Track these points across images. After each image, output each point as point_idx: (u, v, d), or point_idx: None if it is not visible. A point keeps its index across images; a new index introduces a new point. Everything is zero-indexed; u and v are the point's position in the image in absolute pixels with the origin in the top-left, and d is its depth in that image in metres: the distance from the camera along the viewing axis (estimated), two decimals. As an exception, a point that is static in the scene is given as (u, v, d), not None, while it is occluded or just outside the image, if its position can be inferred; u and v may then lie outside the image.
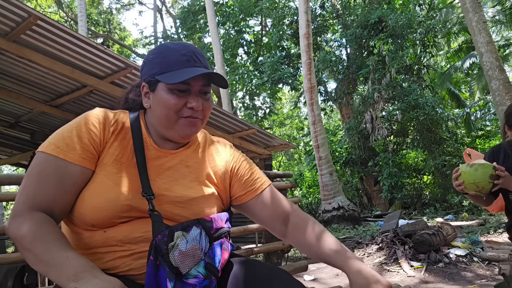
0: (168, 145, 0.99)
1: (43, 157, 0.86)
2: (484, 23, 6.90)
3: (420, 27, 11.88)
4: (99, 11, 20.99)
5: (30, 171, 0.86)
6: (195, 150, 1.03)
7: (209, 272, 0.86)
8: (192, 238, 0.86)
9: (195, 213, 0.93)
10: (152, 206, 0.87)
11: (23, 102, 5.49)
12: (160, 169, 0.95)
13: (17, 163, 8.64)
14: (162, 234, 0.83)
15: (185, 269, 0.83)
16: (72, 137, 0.88)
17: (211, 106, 0.98)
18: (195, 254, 0.86)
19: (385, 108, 11.75)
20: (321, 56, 12.54)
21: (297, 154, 21.55)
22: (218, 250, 0.91)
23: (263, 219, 1.05)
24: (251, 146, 6.78)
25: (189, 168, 0.98)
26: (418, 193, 12.02)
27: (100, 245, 0.88)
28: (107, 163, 0.90)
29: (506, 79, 6.66)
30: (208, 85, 0.96)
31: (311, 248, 1.00)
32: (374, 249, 4.77)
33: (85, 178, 0.88)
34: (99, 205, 0.86)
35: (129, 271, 0.87)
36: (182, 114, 0.93)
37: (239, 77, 15.55)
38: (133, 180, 0.90)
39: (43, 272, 0.76)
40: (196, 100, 0.92)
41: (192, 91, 0.93)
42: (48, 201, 0.84)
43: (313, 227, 1.02)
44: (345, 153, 12.99)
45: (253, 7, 15.26)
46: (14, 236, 0.79)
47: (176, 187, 0.94)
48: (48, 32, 3.86)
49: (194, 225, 0.89)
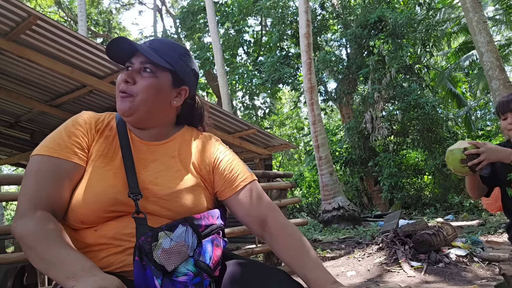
0: (150, 137, 1.01)
1: (38, 159, 0.90)
2: (484, 23, 6.90)
3: (420, 26, 11.88)
4: (99, 11, 20.99)
5: (27, 174, 0.89)
6: (181, 142, 1.04)
7: (200, 269, 0.86)
8: (176, 236, 0.87)
9: (181, 205, 0.93)
10: (137, 208, 0.88)
11: (22, 102, 5.48)
12: (145, 161, 0.97)
13: (16, 163, 8.62)
14: (145, 236, 0.84)
15: (171, 266, 0.83)
16: (62, 137, 0.92)
17: (147, 83, 0.95)
18: (181, 250, 0.85)
19: (385, 108, 11.75)
20: (321, 56, 12.53)
21: (297, 154, 21.55)
22: (209, 247, 0.90)
23: (241, 218, 1.02)
24: (251, 146, 6.78)
25: (174, 159, 1.00)
26: (419, 193, 12.02)
27: (92, 243, 0.89)
28: (94, 159, 0.93)
29: (506, 79, 6.66)
30: (149, 62, 0.96)
31: (288, 263, 0.93)
32: (374, 249, 4.77)
33: (79, 174, 0.91)
34: (87, 199, 0.87)
35: (123, 267, 0.88)
36: (119, 89, 0.97)
37: (239, 77, 15.55)
38: (119, 175, 0.92)
39: (44, 270, 0.77)
40: (124, 74, 0.96)
41: (133, 68, 0.97)
42: (48, 199, 0.86)
43: (291, 238, 0.95)
44: (345, 153, 12.98)
45: (253, 7, 15.26)
46: (19, 236, 0.81)
47: (161, 180, 0.95)
48: (48, 32, 3.86)
49: (180, 224, 0.89)
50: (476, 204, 9.73)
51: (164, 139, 1.03)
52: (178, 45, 1.03)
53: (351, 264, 4.49)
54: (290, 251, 0.93)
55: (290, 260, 0.92)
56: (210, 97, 20.50)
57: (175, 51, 1.00)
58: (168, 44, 1.01)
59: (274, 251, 0.98)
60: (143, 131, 1.01)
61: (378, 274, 3.94)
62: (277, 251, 0.96)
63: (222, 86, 12.07)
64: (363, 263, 4.39)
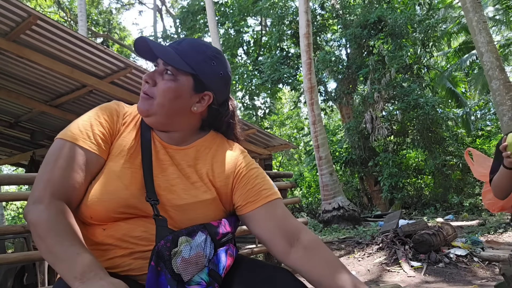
0: (170, 140, 0.98)
1: (61, 144, 0.87)
2: (484, 23, 6.90)
3: (419, 26, 11.88)
4: (99, 11, 20.99)
5: (48, 157, 0.87)
6: (199, 150, 0.99)
7: (212, 279, 0.85)
8: (196, 245, 0.85)
9: (191, 219, 0.90)
10: (157, 211, 0.86)
11: (22, 102, 5.48)
12: (164, 164, 0.95)
13: (16, 163, 8.63)
14: (165, 240, 0.82)
15: (187, 277, 0.82)
16: (88, 126, 0.90)
17: (165, 87, 0.91)
18: (199, 261, 0.84)
19: (385, 108, 11.74)
20: (321, 56, 12.53)
21: (297, 154, 21.55)
22: (223, 256, 0.88)
23: (263, 233, 0.93)
24: (251, 146, 6.78)
25: (191, 168, 0.96)
26: (418, 193, 12.02)
27: (100, 242, 0.88)
28: (115, 153, 0.92)
29: (506, 79, 6.66)
30: (170, 65, 0.92)
31: (319, 278, 0.85)
32: (374, 249, 4.77)
33: (98, 166, 0.90)
34: (99, 196, 0.86)
35: (129, 271, 0.87)
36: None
37: (239, 77, 15.54)
38: (136, 175, 0.90)
39: (51, 263, 0.76)
40: (147, 74, 0.93)
41: (157, 69, 0.94)
42: (65, 188, 0.84)
43: (326, 252, 0.89)
44: (345, 153, 12.98)
45: (252, 7, 15.25)
46: (32, 222, 0.79)
47: (176, 188, 0.92)
48: (48, 32, 3.86)
49: (199, 230, 0.87)
50: (476, 204, 9.74)
51: (185, 144, 0.99)
52: (208, 47, 0.97)
53: (351, 264, 4.49)
54: (328, 264, 0.87)
55: (326, 274, 0.85)
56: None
57: (201, 54, 0.94)
58: (196, 45, 0.95)
59: (304, 267, 0.88)
60: (164, 133, 0.98)
61: (378, 274, 3.94)
62: (312, 265, 0.88)
63: (222, 86, 12.06)
64: (363, 263, 4.40)
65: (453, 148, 11.25)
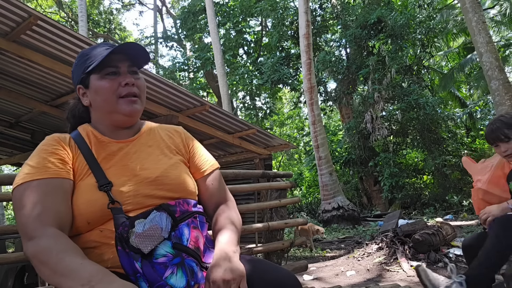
0: (124, 135, 1.05)
1: (22, 188, 0.88)
2: (483, 23, 6.91)
3: (419, 27, 11.88)
4: (99, 11, 21.00)
5: (19, 204, 0.87)
6: (150, 133, 1.10)
7: (178, 250, 0.90)
8: (150, 220, 0.90)
9: (172, 180, 0.99)
10: (110, 198, 0.90)
11: (23, 102, 5.49)
12: (127, 156, 1.01)
13: (17, 163, 8.63)
14: (122, 225, 0.87)
15: (146, 249, 0.87)
16: (42, 159, 0.93)
17: (144, 85, 1.06)
18: (154, 233, 0.89)
19: (385, 108, 11.75)
20: (321, 57, 12.54)
21: (297, 154, 21.56)
22: (185, 229, 0.94)
23: (202, 200, 1.11)
24: (251, 146, 6.78)
25: (152, 147, 1.06)
26: (418, 193, 12.02)
27: (98, 245, 0.91)
28: (77, 173, 0.96)
29: (505, 79, 6.66)
30: (134, 65, 1.04)
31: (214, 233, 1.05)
32: (374, 249, 4.77)
33: (71, 187, 0.93)
34: (90, 197, 0.90)
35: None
36: (120, 93, 1.00)
37: (240, 77, 15.55)
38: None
39: (58, 283, 0.76)
40: (127, 77, 1.00)
41: (121, 72, 1.01)
42: (53, 216, 0.86)
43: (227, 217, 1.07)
44: (345, 153, 12.99)
45: (253, 7, 15.26)
46: (33, 254, 0.81)
47: (148, 165, 1.00)
48: (48, 32, 3.86)
49: (154, 209, 0.93)
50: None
51: (135, 134, 1.09)
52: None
53: (351, 263, 4.50)
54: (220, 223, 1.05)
55: (215, 230, 1.04)
56: (210, 97, 20.52)
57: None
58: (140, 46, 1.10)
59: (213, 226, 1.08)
60: (119, 131, 1.05)
61: (378, 273, 3.95)
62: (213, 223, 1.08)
63: (222, 86, 12.09)
64: (362, 263, 4.40)
65: (453, 148, 11.26)
